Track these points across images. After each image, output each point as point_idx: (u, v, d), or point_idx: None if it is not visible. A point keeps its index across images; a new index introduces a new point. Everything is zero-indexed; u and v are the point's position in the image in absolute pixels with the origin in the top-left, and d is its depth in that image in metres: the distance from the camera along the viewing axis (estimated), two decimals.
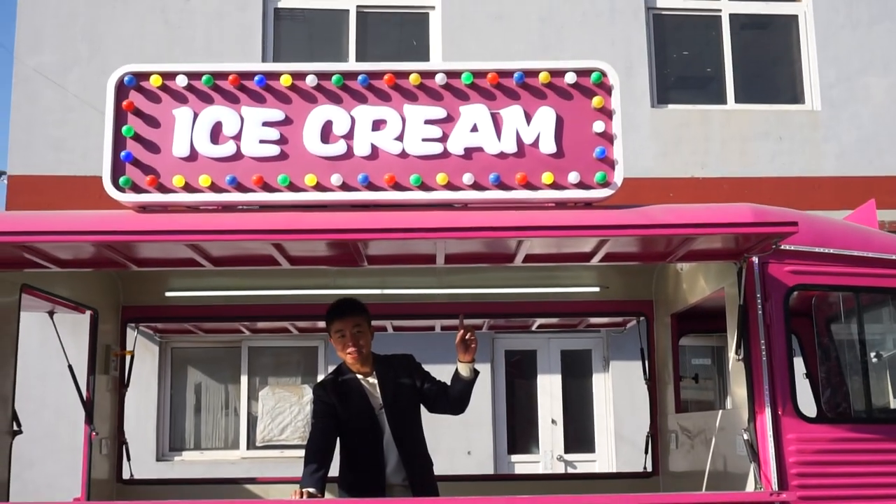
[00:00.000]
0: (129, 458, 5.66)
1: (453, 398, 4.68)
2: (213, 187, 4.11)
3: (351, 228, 3.89)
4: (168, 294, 5.68)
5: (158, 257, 4.39)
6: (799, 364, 5.00)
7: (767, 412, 4.13)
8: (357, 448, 4.70)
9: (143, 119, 4.16)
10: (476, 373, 4.62)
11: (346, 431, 4.70)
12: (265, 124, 4.17)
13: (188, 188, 4.12)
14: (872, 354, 4.82)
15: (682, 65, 11.57)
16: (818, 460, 4.14)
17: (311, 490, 4.34)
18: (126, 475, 5.65)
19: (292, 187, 4.13)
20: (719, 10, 11.32)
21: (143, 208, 4.18)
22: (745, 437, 4.17)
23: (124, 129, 4.13)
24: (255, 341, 10.61)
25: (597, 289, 5.83)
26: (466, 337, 4.52)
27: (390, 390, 4.69)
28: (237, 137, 4.15)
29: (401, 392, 4.71)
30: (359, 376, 4.71)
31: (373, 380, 4.70)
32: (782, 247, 4.13)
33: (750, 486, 4.12)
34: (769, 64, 11.53)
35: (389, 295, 5.75)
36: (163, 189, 4.12)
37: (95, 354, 5.35)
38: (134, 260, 4.33)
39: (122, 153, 4.11)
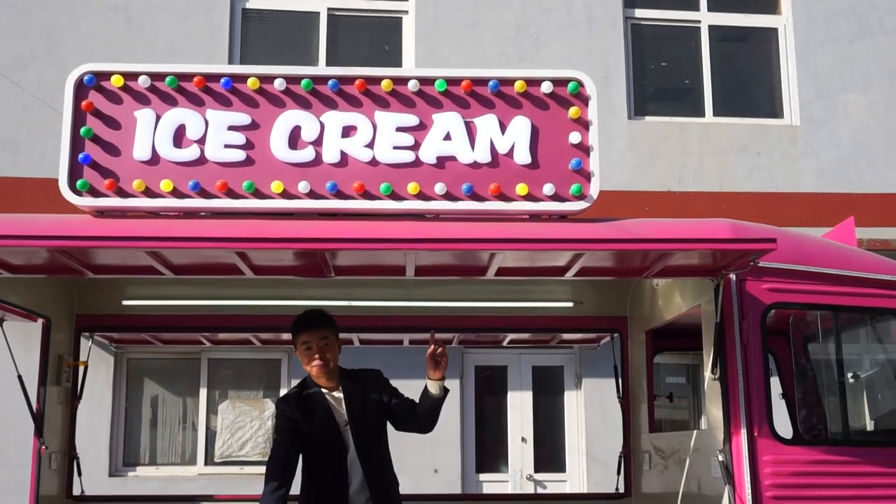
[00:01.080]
0: (80, 474, 5.58)
1: (422, 416, 4.65)
2: (175, 192, 4.08)
3: (318, 238, 3.87)
4: (125, 302, 5.62)
5: (116, 264, 4.34)
6: (775, 384, 5.03)
7: (743, 433, 4.15)
8: (319, 465, 4.66)
9: (102, 120, 4.12)
10: (446, 391, 4.59)
11: (309, 448, 4.66)
12: (231, 128, 4.14)
13: (149, 193, 4.08)
14: (850, 375, 4.86)
15: (661, 76, 11.66)
16: (794, 483, 4.16)
17: None
18: (77, 491, 5.57)
19: (258, 194, 4.10)
20: (699, 22, 11.42)
21: (101, 213, 4.14)
22: (720, 458, 4.18)
23: (83, 130, 4.09)
24: (216, 353, 10.52)
25: (570, 304, 5.84)
26: (437, 353, 4.49)
27: (356, 406, 4.65)
28: (201, 141, 4.13)
29: (367, 408, 4.67)
30: (324, 391, 4.67)
31: (338, 394, 4.67)
32: (760, 264, 4.16)
33: None
34: (748, 77, 11.64)
35: (357, 307, 5.72)
36: (122, 193, 4.08)
37: (47, 365, 5.27)
38: (90, 266, 4.27)
39: (80, 155, 4.06)
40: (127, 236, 3.82)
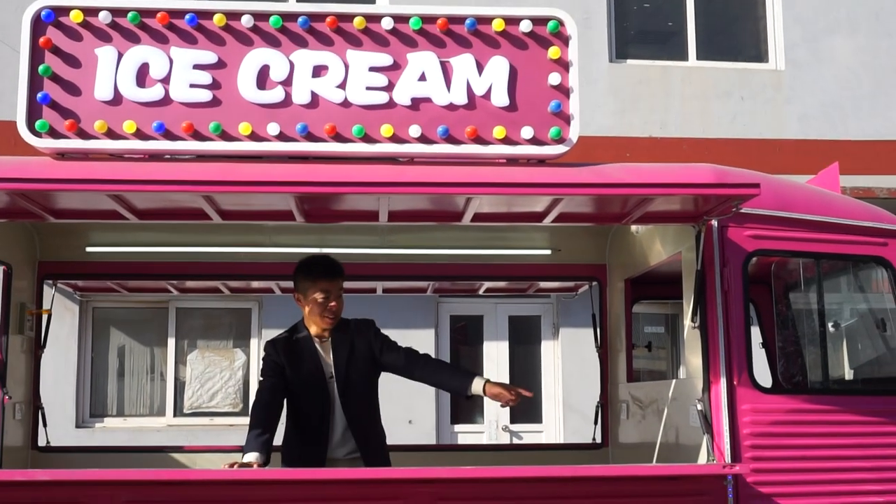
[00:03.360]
0: (45, 424, 5.56)
1: (425, 377, 4.71)
2: (139, 134, 4.02)
3: (287, 181, 3.83)
4: (89, 249, 5.55)
5: (78, 208, 4.28)
6: (756, 333, 5.08)
7: (722, 382, 4.19)
8: (302, 414, 4.67)
9: (62, 58, 4.03)
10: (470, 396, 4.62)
11: (293, 395, 4.67)
12: (196, 67, 4.07)
13: (111, 134, 4.02)
14: (830, 324, 4.90)
15: (643, 18, 11.58)
16: (773, 432, 4.21)
17: (249, 459, 4.30)
18: (42, 442, 5.56)
19: (225, 136, 4.05)
20: None
21: (62, 155, 4.08)
22: (699, 407, 4.22)
23: (41, 68, 4.00)
24: (184, 302, 10.48)
25: (548, 251, 5.83)
26: (508, 403, 4.48)
27: (343, 357, 4.65)
28: (165, 81, 4.06)
29: (355, 360, 4.67)
30: (315, 338, 4.68)
31: (328, 344, 4.67)
32: (743, 210, 4.16)
33: (702, 458, 4.18)
34: (732, 20, 11.59)
35: (328, 255, 5.68)
36: (83, 135, 4.01)
37: (8, 313, 5.21)
38: (51, 211, 4.22)
39: (39, 95, 3.99)
40: (89, 179, 3.76)
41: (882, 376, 5.18)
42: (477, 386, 4.51)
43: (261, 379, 4.72)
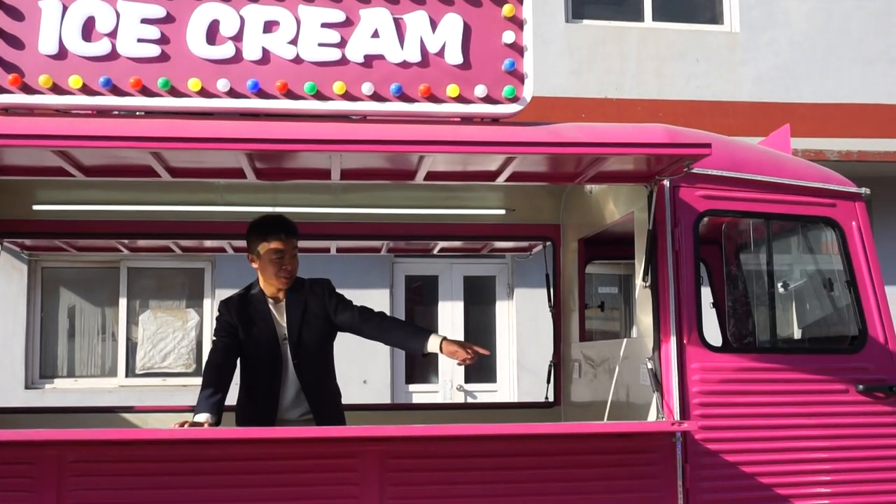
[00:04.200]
0: None
1: (385, 337, 4.69)
2: (85, 89, 3.94)
3: (238, 138, 3.78)
4: (36, 207, 5.46)
5: (23, 165, 4.19)
6: (706, 294, 5.13)
7: (672, 341, 4.23)
8: (255, 375, 4.65)
9: (4, 11, 3.93)
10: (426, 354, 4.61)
11: (245, 358, 4.65)
12: (144, 21, 3.99)
13: (56, 89, 3.94)
14: (780, 285, 4.96)
15: None
16: (721, 390, 4.28)
17: (200, 419, 4.28)
18: None
19: (174, 92, 3.98)
20: None
21: (6, 110, 3.99)
22: (649, 366, 4.26)
23: None
24: (135, 261, 10.38)
25: (503, 211, 5.84)
26: (465, 361, 4.45)
27: (296, 319, 4.63)
28: (112, 35, 3.97)
29: (309, 321, 4.64)
30: (269, 299, 4.65)
31: (282, 305, 4.64)
32: (694, 170, 4.18)
33: (652, 415, 4.24)
34: None
35: (282, 214, 5.64)
36: (28, 90, 3.92)
37: None
38: None
39: None
40: (33, 134, 3.68)
41: (829, 335, 5.27)
42: (433, 344, 4.50)
43: (214, 339, 4.69)
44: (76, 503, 3.87)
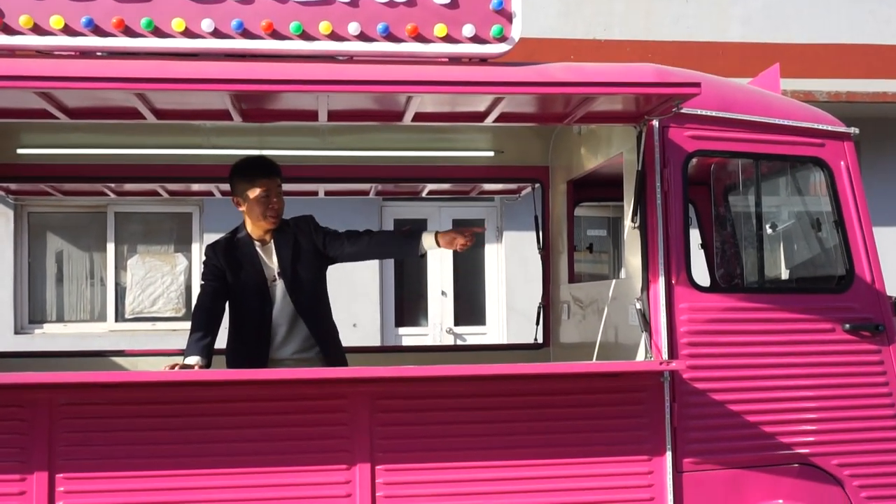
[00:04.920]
0: None
1: (379, 253, 4.72)
2: (67, 30, 3.86)
3: (223, 79, 3.73)
4: (20, 151, 5.41)
5: (6, 107, 4.14)
6: (695, 235, 5.13)
7: (661, 281, 4.24)
8: (243, 319, 4.66)
9: None
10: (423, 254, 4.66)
11: (234, 300, 4.65)
12: None
13: (38, 30, 3.86)
14: (768, 225, 4.97)
15: None
16: (709, 329, 4.30)
17: (190, 362, 4.30)
18: None
19: (158, 32, 3.91)
20: None
21: None
22: (638, 306, 4.28)
23: None
24: (123, 206, 10.34)
25: (491, 153, 5.81)
26: (464, 245, 4.57)
27: (288, 257, 4.63)
28: None
29: (300, 259, 4.65)
30: (256, 242, 4.64)
31: (270, 247, 4.64)
32: (683, 110, 4.16)
33: (640, 355, 4.26)
34: None
35: (268, 156, 5.60)
36: (8, 30, 3.84)
37: None
38: None
39: None
40: (15, 76, 3.63)
41: (816, 275, 5.29)
42: (429, 242, 4.58)
43: (202, 283, 4.69)
44: (68, 445, 3.90)
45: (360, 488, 4.04)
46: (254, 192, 4.55)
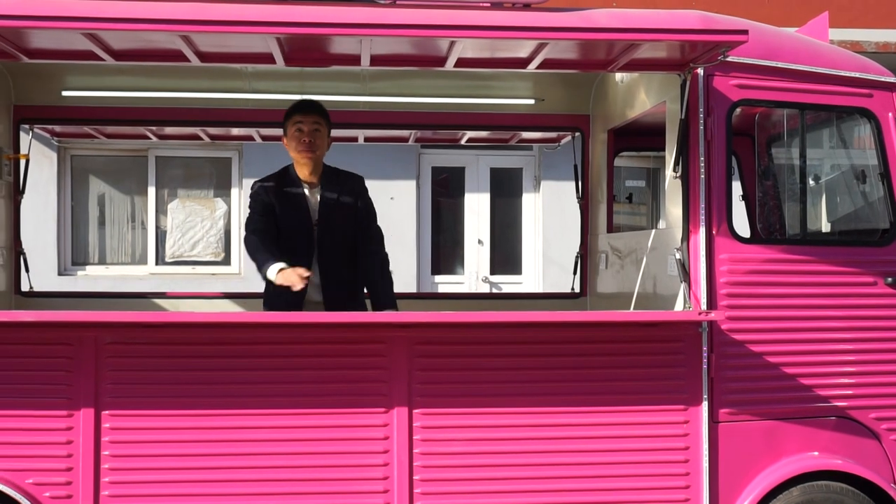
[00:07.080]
0: (27, 270, 5.58)
1: (360, 274, 4.78)
2: None
3: (267, 21, 3.74)
4: (65, 93, 5.46)
5: (52, 48, 4.17)
6: (737, 187, 5.09)
7: (701, 231, 4.22)
8: (284, 259, 4.70)
9: None
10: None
11: (278, 238, 4.70)
12: None
13: None
14: (811, 178, 4.91)
15: None
16: (749, 280, 4.28)
17: (281, 265, 4.40)
18: (25, 287, 5.59)
19: None
20: None
21: None
22: (678, 256, 4.26)
23: None
24: (164, 150, 10.40)
25: (532, 101, 5.78)
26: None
27: (330, 206, 4.69)
28: None
29: (340, 210, 4.72)
30: (305, 185, 4.70)
31: (316, 191, 4.70)
32: (729, 59, 4.10)
33: (679, 305, 4.26)
34: None
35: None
36: None
37: None
38: (25, 50, 4.11)
39: None
40: (62, 16, 3.65)
41: (859, 228, 5.23)
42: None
43: (249, 217, 4.73)
44: (114, 384, 3.98)
45: (397, 432, 4.10)
46: (290, 128, 4.68)
